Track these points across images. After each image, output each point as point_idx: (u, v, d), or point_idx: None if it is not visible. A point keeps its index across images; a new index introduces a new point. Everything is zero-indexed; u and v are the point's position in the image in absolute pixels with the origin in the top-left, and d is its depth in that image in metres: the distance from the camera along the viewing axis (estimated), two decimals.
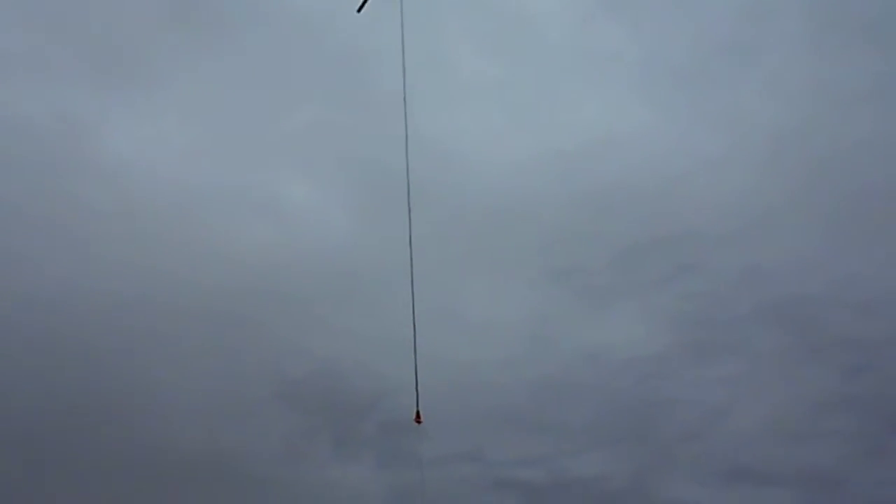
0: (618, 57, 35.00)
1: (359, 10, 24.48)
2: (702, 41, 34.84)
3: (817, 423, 32.87)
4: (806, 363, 33.51)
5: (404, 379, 35.59)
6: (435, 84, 31.97)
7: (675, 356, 33.85)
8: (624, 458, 33.72)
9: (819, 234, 33.45)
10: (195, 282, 33.11)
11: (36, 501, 30.31)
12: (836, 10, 33.90)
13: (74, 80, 33.82)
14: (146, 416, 33.54)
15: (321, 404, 35.09)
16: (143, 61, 34.69)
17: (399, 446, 35.36)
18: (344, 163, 35.34)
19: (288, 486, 34.20)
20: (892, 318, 32.13)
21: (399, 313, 35.78)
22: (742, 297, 33.34)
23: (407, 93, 22.76)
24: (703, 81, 35.26)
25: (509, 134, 35.01)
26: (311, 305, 34.39)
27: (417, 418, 16.00)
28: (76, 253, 32.91)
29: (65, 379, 32.24)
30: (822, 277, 32.66)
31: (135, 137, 34.24)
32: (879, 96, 33.23)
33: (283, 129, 35.10)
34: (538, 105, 35.34)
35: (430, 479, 34.82)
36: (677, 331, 34.27)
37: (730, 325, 33.59)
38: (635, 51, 35.16)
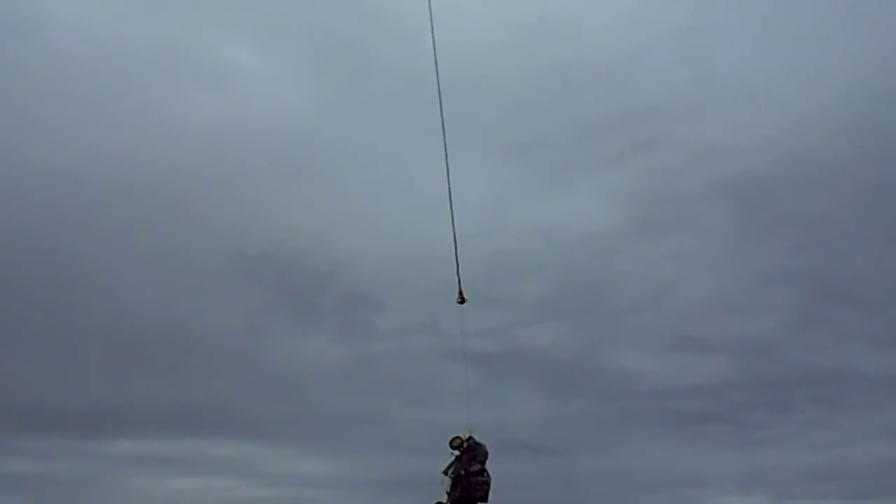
0: None
1: None
2: None
3: (757, 295, 34.53)
4: (752, 239, 34.69)
5: (361, 253, 35.92)
6: None
7: (627, 232, 34.59)
8: (575, 329, 35.13)
9: (774, 110, 33.58)
10: (141, 152, 31.82)
11: None
12: None
13: None
14: (100, 291, 33.28)
15: (278, 278, 35.26)
16: None
17: (357, 319, 36.13)
18: (295, 27, 33.43)
19: (248, 357, 34.89)
20: (837, 195, 33.12)
21: (355, 186, 35.54)
22: (696, 174, 33.73)
23: None
24: None
25: (469, 1, 33.42)
26: (264, 178, 33.69)
27: (461, 298, 15.52)
28: (14, 123, 31.19)
29: (13, 253, 31.50)
30: (773, 154, 33.12)
31: None
32: None
33: None
34: None
35: (387, 350, 36.00)
36: (631, 207, 34.81)
37: (682, 202, 34.22)
38: None
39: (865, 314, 34.01)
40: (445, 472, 13.86)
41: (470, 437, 13.86)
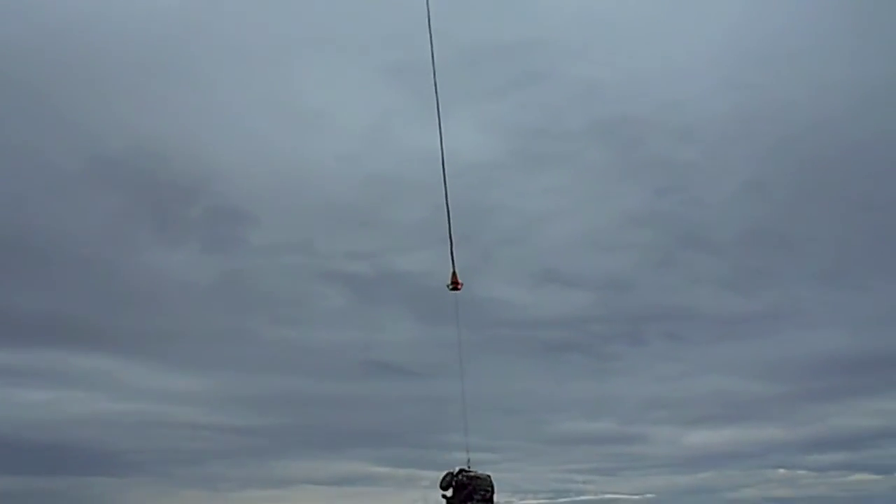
0: None
1: None
2: None
3: (622, 235, 36.26)
4: (623, 180, 36.05)
5: (232, 164, 34.22)
6: None
7: (506, 164, 34.88)
8: (448, 256, 35.42)
9: (656, 58, 34.43)
10: None
11: None
12: None
13: None
14: None
15: (141, 185, 33.00)
16: None
17: (227, 233, 34.71)
18: None
19: (106, 267, 32.80)
20: (704, 145, 34.87)
21: (228, 91, 33.44)
22: (577, 111, 34.25)
23: None
24: None
25: None
26: (130, 75, 30.88)
27: (455, 282, 12.40)
28: None
29: None
30: (653, 99, 34.15)
31: None
32: None
33: None
34: None
35: (258, 267, 34.99)
36: (511, 139, 35.02)
37: (561, 138, 34.76)
38: None
39: (714, 259, 36.67)
40: None
41: (461, 472, 11.16)
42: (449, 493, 11.08)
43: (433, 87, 12.82)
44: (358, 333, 34.97)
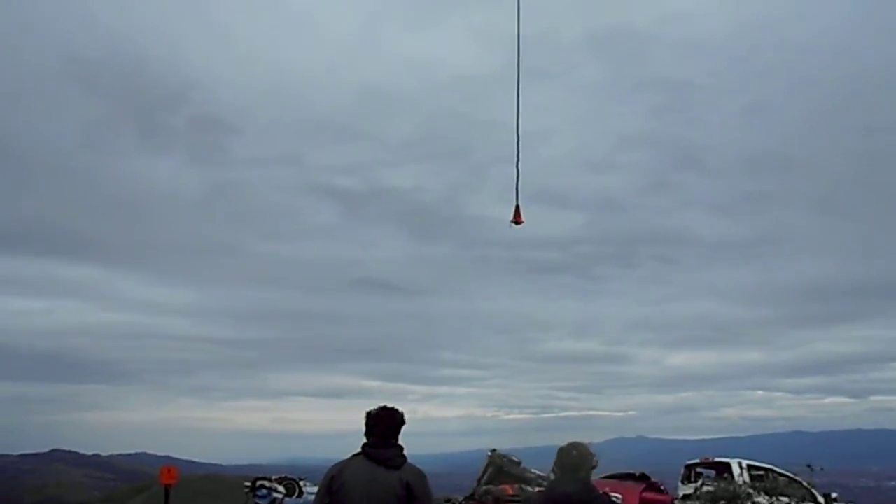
0: None
1: None
2: None
3: (616, 155, 35.74)
4: (619, 98, 35.33)
5: (215, 71, 33.09)
6: None
7: (501, 77, 33.72)
8: (440, 173, 34.93)
9: None
10: None
11: None
12: None
13: None
14: None
15: (122, 90, 31.91)
16: None
17: (212, 143, 33.77)
18: None
19: (89, 175, 32.15)
20: (707, 63, 33.93)
21: None
22: (577, 22, 33.00)
23: None
24: None
25: None
26: None
27: (517, 217, 10.90)
28: None
29: None
30: (652, 12, 32.80)
31: None
32: None
33: None
34: None
35: (245, 179, 34.22)
36: (507, 52, 33.72)
37: (559, 51, 33.66)
38: None
39: (709, 182, 36.21)
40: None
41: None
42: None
43: None
44: (349, 249, 34.68)
